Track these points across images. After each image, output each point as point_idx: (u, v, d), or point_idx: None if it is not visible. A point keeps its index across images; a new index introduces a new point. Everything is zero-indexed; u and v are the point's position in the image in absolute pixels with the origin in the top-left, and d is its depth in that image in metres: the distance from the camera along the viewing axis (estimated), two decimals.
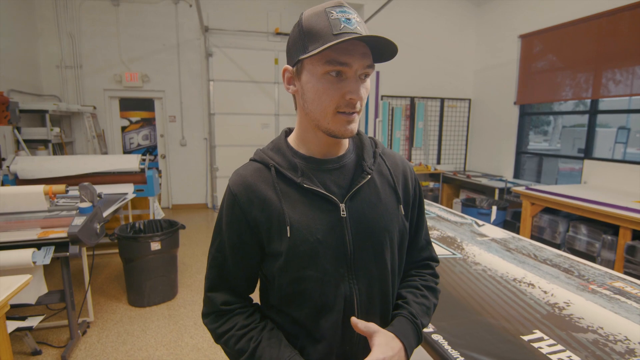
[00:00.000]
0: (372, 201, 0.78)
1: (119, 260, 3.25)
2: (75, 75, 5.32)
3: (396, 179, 0.83)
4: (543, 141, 6.92)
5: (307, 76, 0.71)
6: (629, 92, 3.75)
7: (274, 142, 0.83)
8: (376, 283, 0.78)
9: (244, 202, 0.75)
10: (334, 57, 0.66)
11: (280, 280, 0.76)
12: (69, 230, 2.11)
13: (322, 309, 0.75)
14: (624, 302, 1.31)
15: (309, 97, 0.72)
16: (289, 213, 0.73)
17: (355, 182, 0.77)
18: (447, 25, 5.68)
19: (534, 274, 1.54)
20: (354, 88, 0.68)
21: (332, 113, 0.70)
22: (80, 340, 2.49)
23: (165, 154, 6.01)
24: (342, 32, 0.65)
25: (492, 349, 1.01)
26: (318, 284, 0.74)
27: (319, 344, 0.76)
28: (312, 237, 0.73)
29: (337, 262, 0.74)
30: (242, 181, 0.76)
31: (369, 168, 0.79)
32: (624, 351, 1.02)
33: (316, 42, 0.66)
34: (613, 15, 3.83)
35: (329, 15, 0.67)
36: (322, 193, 0.74)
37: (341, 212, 0.75)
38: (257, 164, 0.79)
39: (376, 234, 0.77)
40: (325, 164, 0.78)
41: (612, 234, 3.07)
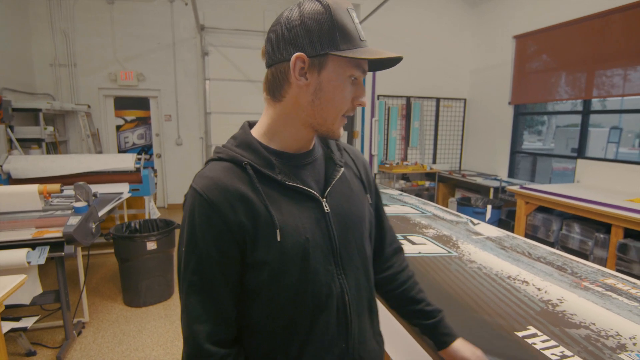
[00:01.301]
0: (347, 193, 0.78)
1: (114, 260, 3.24)
2: (69, 73, 5.28)
3: (359, 169, 0.86)
4: (537, 141, 6.97)
5: (331, 74, 0.66)
6: (621, 92, 3.80)
7: (237, 138, 0.74)
8: (361, 275, 0.78)
9: (224, 209, 0.65)
10: (360, 63, 0.67)
11: (271, 291, 0.69)
12: (64, 230, 2.10)
13: (315, 310, 0.71)
14: (616, 299, 1.33)
15: (326, 94, 0.68)
16: (275, 215, 0.67)
17: (331, 176, 0.77)
18: (443, 25, 5.71)
19: (528, 271, 1.55)
20: (364, 93, 0.70)
21: (340, 115, 0.70)
22: (76, 341, 2.48)
23: (160, 153, 5.98)
24: (364, 39, 0.68)
25: (487, 345, 1.02)
26: (310, 285, 0.70)
27: (314, 346, 0.71)
28: (301, 238, 0.69)
29: (326, 260, 0.72)
30: (216, 184, 0.66)
31: (340, 161, 0.79)
32: (615, 346, 1.04)
33: (348, 42, 0.65)
34: (605, 17, 3.87)
35: (352, 18, 0.67)
36: (305, 190, 0.71)
37: (324, 208, 0.73)
38: (225, 163, 0.70)
39: (356, 226, 0.78)
40: (298, 159, 0.75)
41: (605, 232, 3.10)
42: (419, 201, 2.94)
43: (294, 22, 0.66)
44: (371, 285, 0.82)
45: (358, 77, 0.69)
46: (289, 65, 0.66)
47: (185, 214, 0.68)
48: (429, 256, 1.70)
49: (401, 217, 2.40)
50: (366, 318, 0.80)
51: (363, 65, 0.68)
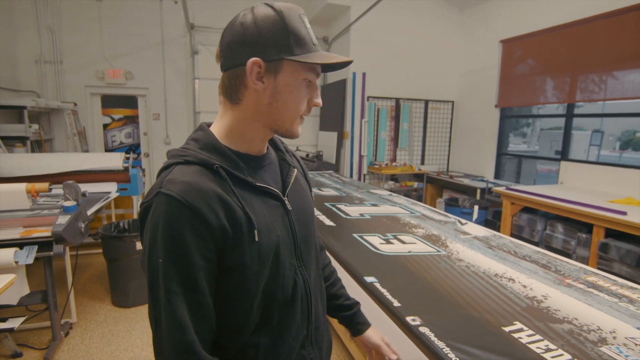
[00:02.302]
0: (300, 192, 0.85)
1: (102, 260, 3.20)
2: (55, 70, 5.19)
3: (303, 168, 0.93)
4: (522, 143, 7.12)
5: (287, 78, 0.69)
6: (603, 97, 3.91)
7: (200, 140, 0.73)
8: (315, 265, 0.86)
9: (206, 213, 0.63)
10: (314, 67, 0.71)
11: (247, 292, 0.69)
12: (53, 229, 2.08)
13: (284, 303, 0.74)
14: (597, 295, 1.38)
15: (283, 97, 0.70)
16: (252, 216, 0.69)
17: (287, 176, 0.82)
18: (432, 29, 5.78)
19: (514, 269, 1.61)
20: (319, 95, 0.75)
21: (298, 117, 0.74)
22: (63, 342, 2.45)
23: (148, 153, 5.92)
24: (315, 44, 0.71)
25: (476, 340, 1.06)
26: (280, 280, 0.73)
27: (283, 337, 0.75)
28: (273, 236, 0.72)
29: (291, 255, 0.77)
30: (194, 188, 0.64)
31: (292, 162, 0.86)
32: (596, 340, 1.09)
33: (302, 47, 0.68)
34: (588, 24, 3.98)
35: (305, 23, 0.70)
36: (272, 190, 0.75)
37: (287, 206, 0.78)
38: (194, 166, 0.68)
39: (310, 222, 0.85)
40: (259, 160, 0.78)
41: (587, 232, 3.20)
42: (408, 201, 2.99)
43: (248, 27, 0.67)
44: (321, 275, 0.91)
45: (312, 80, 0.73)
46: (244, 70, 0.68)
47: (156, 222, 0.63)
48: (419, 255, 1.73)
49: (391, 217, 2.44)
50: (320, 305, 0.87)
51: (317, 69, 0.72)
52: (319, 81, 6.17)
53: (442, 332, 1.10)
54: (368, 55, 5.45)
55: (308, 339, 0.81)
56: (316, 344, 0.84)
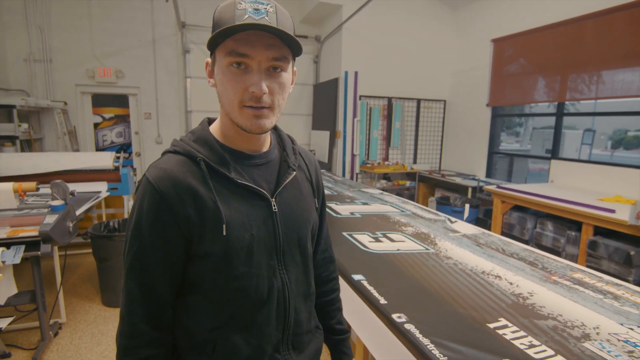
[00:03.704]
0: (296, 195, 0.82)
1: (92, 260, 3.18)
2: (44, 69, 5.13)
3: (311, 173, 0.89)
4: (515, 142, 7.17)
5: (217, 68, 0.70)
6: (593, 95, 3.95)
7: (196, 133, 0.77)
8: (301, 271, 0.83)
9: (172, 200, 0.67)
10: (233, 48, 0.66)
11: (214, 281, 0.72)
12: (41, 229, 2.06)
13: (257, 302, 0.74)
14: (582, 292, 1.40)
15: (219, 89, 0.71)
16: (224, 210, 0.70)
17: (283, 177, 0.80)
18: (424, 28, 5.80)
19: (501, 266, 1.62)
20: (256, 80, 0.66)
21: (238, 107, 0.69)
22: (52, 342, 2.44)
23: (140, 152, 5.88)
24: (244, 22, 0.63)
25: (460, 336, 1.06)
26: (253, 279, 0.73)
27: (252, 338, 0.75)
28: (247, 234, 0.72)
29: (269, 256, 0.76)
30: (168, 176, 0.68)
31: (293, 164, 0.83)
32: (580, 336, 1.10)
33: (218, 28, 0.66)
34: (578, 23, 4.02)
35: (236, 6, 0.65)
36: (255, 189, 0.75)
37: (273, 207, 0.77)
38: (180, 156, 0.72)
39: (301, 226, 0.82)
40: (252, 159, 0.78)
41: (576, 230, 3.23)
42: (399, 200, 2.99)
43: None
44: (309, 281, 0.87)
45: (245, 62, 0.66)
46: None
47: (135, 200, 0.71)
48: (407, 253, 1.74)
49: (381, 215, 2.45)
50: (303, 311, 0.84)
51: (237, 49, 0.65)
52: (311, 79, 6.17)
53: (427, 328, 1.10)
54: (360, 54, 5.46)
55: (284, 344, 0.80)
56: (294, 350, 0.82)
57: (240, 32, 0.64)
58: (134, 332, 0.70)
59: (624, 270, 2.78)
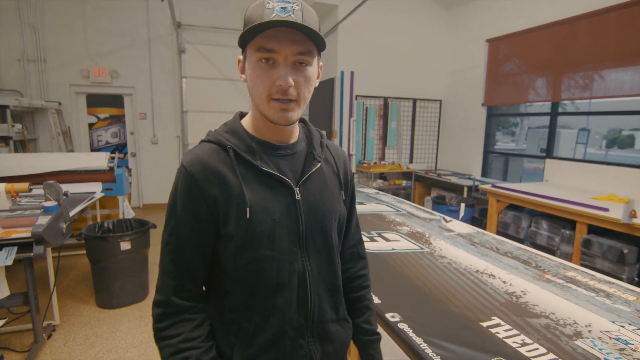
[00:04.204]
0: (321, 186, 0.84)
1: (86, 262, 3.16)
2: (38, 69, 5.10)
3: (339, 167, 0.91)
4: (511, 141, 7.20)
5: (247, 63, 0.75)
6: (588, 95, 3.97)
7: (228, 124, 0.84)
8: (325, 260, 0.84)
9: (202, 181, 0.74)
10: (262, 45, 0.70)
11: (236, 262, 0.77)
12: (33, 230, 2.04)
13: (278, 286, 0.78)
14: (575, 290, 1.41)
15: (249, 84, 0.76)
16: (248, 194, 0.75)
17: (308, 168, 0.83)
18: (420, 28, 5.81)
19: (495, 265, 1.62)
20: (283, 74, 0.71)
21: (266, 100, 0.73)
22: (46, 344, 2.42)
23: (135, 152, 5.86)
24: (272, 20, 0.67)
25: (453, 335, 1.06)
26: (274, 262, 0.77)
27: (274, 320, 0.78)
28: (269, 219, 0.76)
29: (291, 242, 0.79)
30: (199, 160, 0.75)
31: (319, 156, 0.85)
32: (572, 333, 1.10)
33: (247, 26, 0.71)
34: (572, 23, 4.04)
35: (265, 6, 0.70)
36: (279, 177, 0.78)
37: (296, 195, 0.80)
38: (212, 144, 0.79)
39: (325, 216, 0.83)
40: (279, 149, 0.82)
41: (570, 228, 3.25)
42: (394, 199, 3.00)
43: None
44: (334, 271, 0.87)
45: (272, 58, 0.71)
46: None
47: (173, 183, 0.78)
48: (402, 252, 1.74)
49: (377, 214, 2.45)
50: (327, 300, 0.86)
51: (265, 45, 0.70)
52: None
53: (421, 328, 1.10)
54: (356, 54, 5.46)
55: (308, 330, 0.82)
56: (319, 339, 0.83)
57: (267, 29, 0.69)
58: (167, 303, 0.76)
59: (618, 268, 2.79)
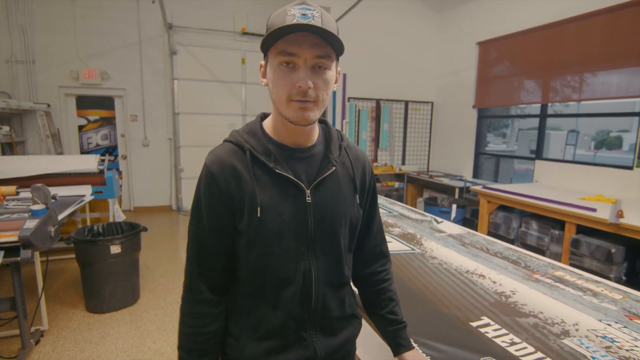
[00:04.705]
0: (334, 190, 0.87)
1: (75, 266, 3.12)
2: (27, 70, 5.04)
3: (356, 170, 0.92)
4: (502, 143, 7.28)
5: (269, 68, 0.79)
6: (577, 97, 4.03)
7: (249, 125, 0.88)
8: (332, 260, 0.88)
9: (221, 180, 0.80)
10: (283, 48, 0.74)
11: (246, 256, 0.83)
12: (20, 234, 2.01)
13: (283, 281, 0.84)
14: (563, 289, 1.42)
15: (270, 87, 0.80)
16: (260, 194, 0.80)
17: (322, 172, 0.85)
18: (411, 31, 5.86)
19: (485, 266, 1.63)
20: (302, 77, 0.74)
21: (286, 101, 0.77)
22: (33, 350, 2.38)
23: (126, 155, 5.81)
24: (294, 23, 0.71)
25: (443, 335, 1.07)
26: (281, 259, 0.83)
27: (279, 311, 0.84)
28: (279, 218, 0.81)
29: (299, 241, 0.83)
30: (219, 160, 0.82)
31: (335, 160, 0.87)
32: (559, 332, 1.12)
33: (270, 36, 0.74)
34: (560, 27, 4.10)
35: (287, 12, 0.73)
36: (292, 179, 0.82)
37: (307, 198, 0.83)
38: (232, 145, 0.84)
39: (335, 219, 0.86)
40: (296, 152, 0.85)
41: (560, 229, 3.29)
42: (386, 201, 3.01)
43: None
44: (342, 272, 0.91)
45: (292, 62, 0.75)
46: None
47: (197, 180, 0.85)
48: (393, 253, 1.75)
49: None
50: (332, 298, 0.90)
51: (286, 49, 0.74)
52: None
53: (412, 328, 1.10)
54: (348, 56, 5.44)
55: (311, 325, 0.87)
56: (322, 333, 0.88)
57: (288, 33, 0.72)
58: (192, 287, 0.85)
59: (605, 267, 2.83)
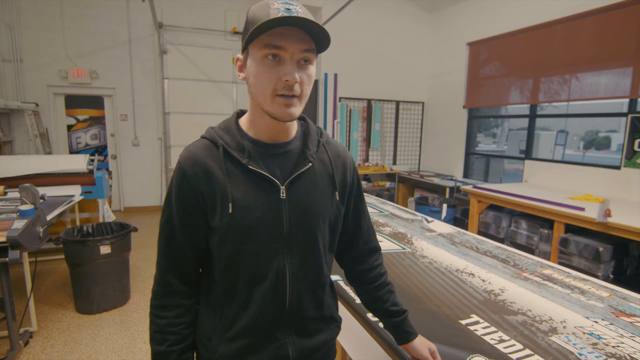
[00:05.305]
0: (310, 187, 0.85)
1: (65, 266, 3.09)
2: (14, 69, 4.96)
3: (335, 167, 0.90)
4: (492, 143, 7.35)
5: (250, 61, 0.77)
6: (565, 97, 4.09)
7: (225, 122, 0.88)
8: (309, 259, 0.86)
9: (191, 176, 0.79)
10: (269, 41, 0.72)
11: (219, 253, 0.82)
12: (8, 234, 1.98)
13: (255, 279, 0.82)
14: (551, 287, 1.45)
15: (251, 80, 0.77)
16: (232, 191, 0.79)
17: (297, 168, 0.83)
18: (402, 30, 5.89)
19: (474, 264, 1.65)
20: (290, 70, 0.73)
21: (271, 96, 0.75)
22: (22, 351, 2.35)
23: (116, 155, 5.75)
24: (289, 16, 0.70)
25: (433, 333, 1.08)
26: (254, 257, 0.81)
27: (251, 310, 0.83)
28: (251, 215, 0.79)
29: (273, 239, 0.81)
30: (191, 157, 0.81)
31: (311, 156, 0.85)
32: (547, 330, 1.14)
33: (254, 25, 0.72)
34: (548, 28, 4.16)
35: (270, 6, 0.72)
36: (265, 175, 0.80)
37: (281, 194, 0.81)
38: (206, 141, 0.83)
39: (310, 216, 0.84)
40: (271, 148, 0.83)
41: (549, 228, 3.33)
42: (377, 200, 3.02)
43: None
44: (319, 271, 0.88)
45: (278, 55, 0.73)
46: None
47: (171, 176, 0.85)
48: (384, 253, 1.76)
49: None
50: (309, 298, 0.87)
51: (273, 42, 0.72)
52: None
53: None
54: (339, 56, 5.49)
55: (284, 324, 0.85)
56: (297, 334, 0.86)
57: (277, 26, 0.71)
58: (162, 280, 0.84)
59: (593, 265, 2.88)
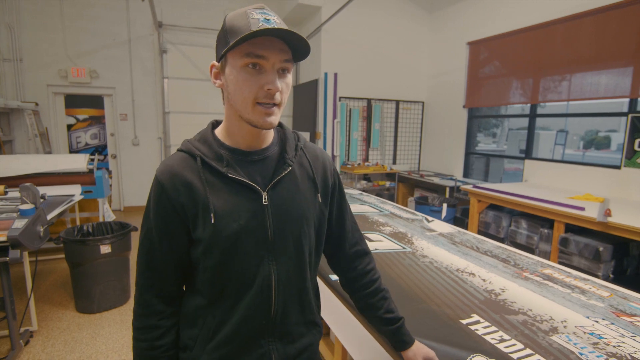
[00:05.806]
0: (292, 190, 0.85)
1: (65, 266, 3.08)
2: (14, 69, 4.96)
3: (315, 170, 0.91)
4: (492, 143, 7.36)
5: (229, 69, 0.77)
6: (565, 97, 4.09)
7: (201, 133, 0.87)
8: (295, 264, 0.85)
9: (170, 190, 0.78)
10: (251, 50, 0.72)
11: (204, 264, 0.81)
12: (9, 234, 1.98)
13: (242, 287, 0.81)
14: (552, 287, 1.45)
15: (231, 88, 0.77)
16: (213, 201, 0.78)
17: (277, 172, 0.84)
18: (402, 30, 5.88)
19: (475, 264, 1.66)
20: (271, 79, 0.74)
21: (251, 104, 0.75)
22: (23, 351, 2.35)
23: (116, 154, 5.75)
24: (260, 29, 0.71)
25: (433, 333, 1.08)
26: (239, 265, 0.80)
27: (235, 318, 0.82)
28: (235, 223, 0.79)
29: (258, 246, 0.81)
30: (169, 170, 0.80)
31: (290, 160, 0.86)
32: (548, 329, 1.14)
33: (235, 36, 0.73)
34: (548, 27, 4.16)
35: (249, 16, 0.73)
36: (246, 182, 0.80)
37: (263, 200, 0.81)
38: (183, 154, 0.83)
39: (294, 220, 0.84)
40: (249, 155, 0.83)
41: (549, 227, 3.33)
42: (378, 200, 3.02)
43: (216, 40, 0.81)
44: (305, 276, 0.88)
45: (260, 64, 0.73)
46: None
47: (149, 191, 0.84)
48: (385, 252, 1.76)
49: (360, 215, 2.46)
50: (293, 303, 0.87)
51: (255, 51, 0.72)
52: (291, 81, 6.17)
53: None
54: (339, 55, 5.48)
55: (269, 331, 0.84)
56: (281, 340, 0.85)
57: (261, 36, 0.71)
58: (143, 300, 0.83)
59: (593, 265, 2.88)
